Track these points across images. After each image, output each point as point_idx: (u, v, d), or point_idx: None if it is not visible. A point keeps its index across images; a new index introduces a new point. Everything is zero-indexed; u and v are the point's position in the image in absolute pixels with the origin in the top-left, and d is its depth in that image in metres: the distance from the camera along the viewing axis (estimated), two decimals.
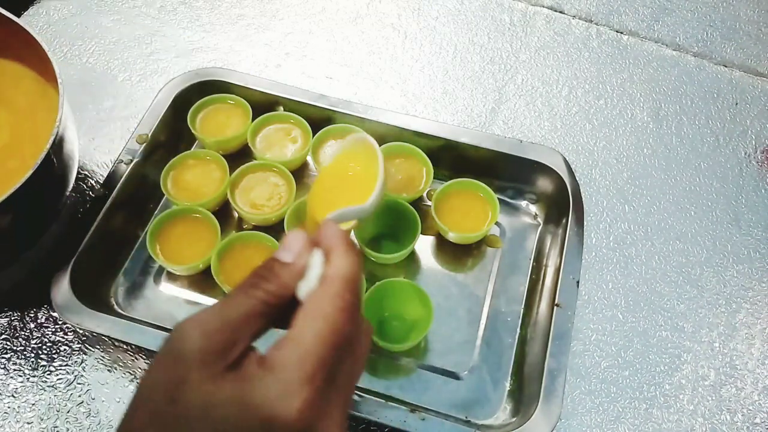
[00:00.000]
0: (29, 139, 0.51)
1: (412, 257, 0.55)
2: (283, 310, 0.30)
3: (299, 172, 0.58)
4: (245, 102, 0.59)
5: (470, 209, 0.55)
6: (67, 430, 0.47)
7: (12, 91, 0.53)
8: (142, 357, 0.50)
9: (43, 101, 0.52)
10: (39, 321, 0.51)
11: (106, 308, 0.50)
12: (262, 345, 0.29)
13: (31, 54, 0.50)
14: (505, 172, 0.57)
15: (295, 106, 0.59)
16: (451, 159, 0.58)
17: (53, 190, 0.49)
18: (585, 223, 0.53)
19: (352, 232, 0.52)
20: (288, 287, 0.30)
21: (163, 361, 0.27)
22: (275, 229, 0.53)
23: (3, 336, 0.51)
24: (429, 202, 0.56)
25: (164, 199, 0.57)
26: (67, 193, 0.51)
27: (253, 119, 0.58)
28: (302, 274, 0.31)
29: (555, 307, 0.49)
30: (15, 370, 0.49)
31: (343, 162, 0.45)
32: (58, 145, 0.46)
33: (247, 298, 0.29)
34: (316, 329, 0.27)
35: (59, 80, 0.47)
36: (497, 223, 0.57)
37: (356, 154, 0.44)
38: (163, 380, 0.27)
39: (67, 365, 0.50)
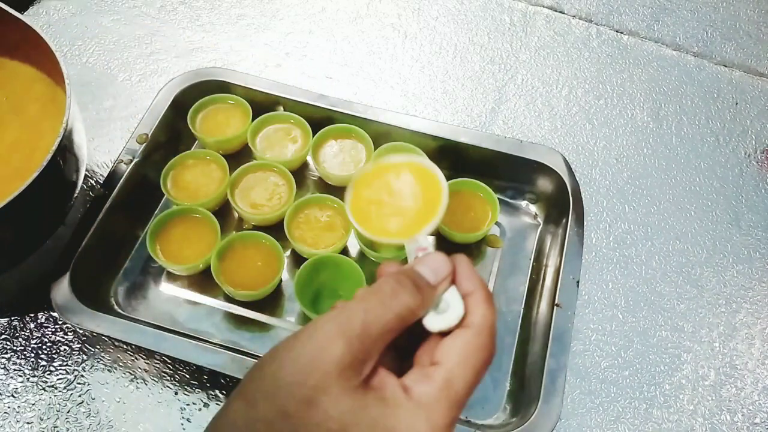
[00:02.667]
0: (37, 142, 0.50)
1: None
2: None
3: (299, 172, 0.58)
4: (245, 102, 0.59)
5: (470, 209, 0.55)
6: (67, 430, 0.47)
7: (22, 93, 0.53)
8: (142, 357, 0.50)
9: (53, 104, 0.52)
10: (39, 321, 0.51)
11: (106, 308, 0.50)
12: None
13: (40, 56, 0.49)
14: (505, 172, 0.57)
15: (295, 106, 0.59)
16: (451, 159, 0.58)
17: (60, 193, 0.49)
18: (585, 223, 0.53)
19: (353, 232, 0.52)
20: (424, 309, 0.29)
21: (298, 362, 0.26)
22: (275, 229, 0.53)
23: (3, 336, 0.51)
24: None
25: (164, 199, 0.57)
26: (76, 195, 0.51)
27: (253, 119, 0.58)
28: (436, 303, 0.30)
29: (555, 307, 0.49)
30: (15, 370, 0.49)
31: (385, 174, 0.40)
32: (64, 147, 0.45)
33: (385, 308, 0.28)
34: (467, 379, 0.28)
35: (66, 81, 0.47)
36: (497, 223, 0.57)
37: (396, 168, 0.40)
38: (298, 381, 0.26)
39: (67, 365, 0.50)
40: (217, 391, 0.49)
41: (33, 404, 0.48)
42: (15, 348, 0.50)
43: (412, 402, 0.26)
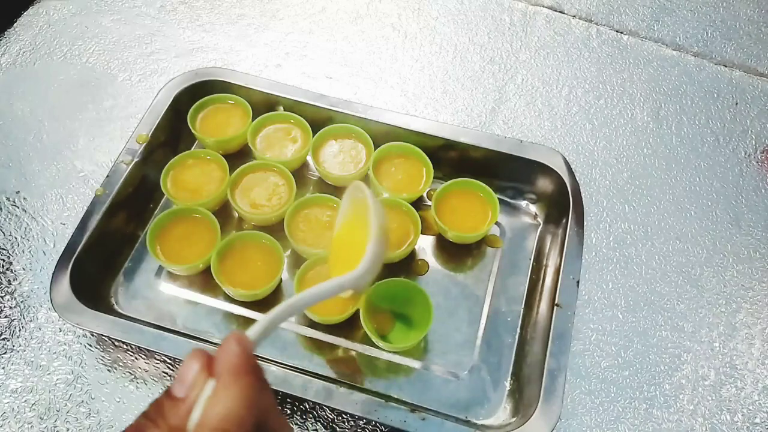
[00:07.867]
0: None
1: (412, 257, 0.55)
2: None
3: (299, 172, 0.58)
4: (245, 102, 0.59)
5: (470, 209, 0.55)
6: (67, 430, 0.47)
7: None
8: (142, 357, 0.50)
9: None
10: (39, 321, 0.51)
11: (106, 308, 0.50)
12: None
13: None
14: (505, 172, 0.57)
15: (295, 106, 0.59)
16: (451, 159, 0.58)
17: None
18: (585, 223, 0.53)
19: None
20: (181, 427, 0.27)
21: None
22: (275, 229, 0.53)
23: (3, 336, 0.51)
24: (429, 202, 0.56)
25: (164, 199, 0.57)
26: None
27: (253, 119, 0.58)
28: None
29: (555, 307, 0.49)
30: (15, 370, 0.49)
31: (350, 222, 0.38)
32: None
33: None
34: None
35: None
36: (497, 223, 0.57)
37: (356, 210, 0.38)
38: None
39: (67, 365, 0.50)
40: None
41: (33, 404, 0.48)
42: (15, 348, 0.50)
43: None
